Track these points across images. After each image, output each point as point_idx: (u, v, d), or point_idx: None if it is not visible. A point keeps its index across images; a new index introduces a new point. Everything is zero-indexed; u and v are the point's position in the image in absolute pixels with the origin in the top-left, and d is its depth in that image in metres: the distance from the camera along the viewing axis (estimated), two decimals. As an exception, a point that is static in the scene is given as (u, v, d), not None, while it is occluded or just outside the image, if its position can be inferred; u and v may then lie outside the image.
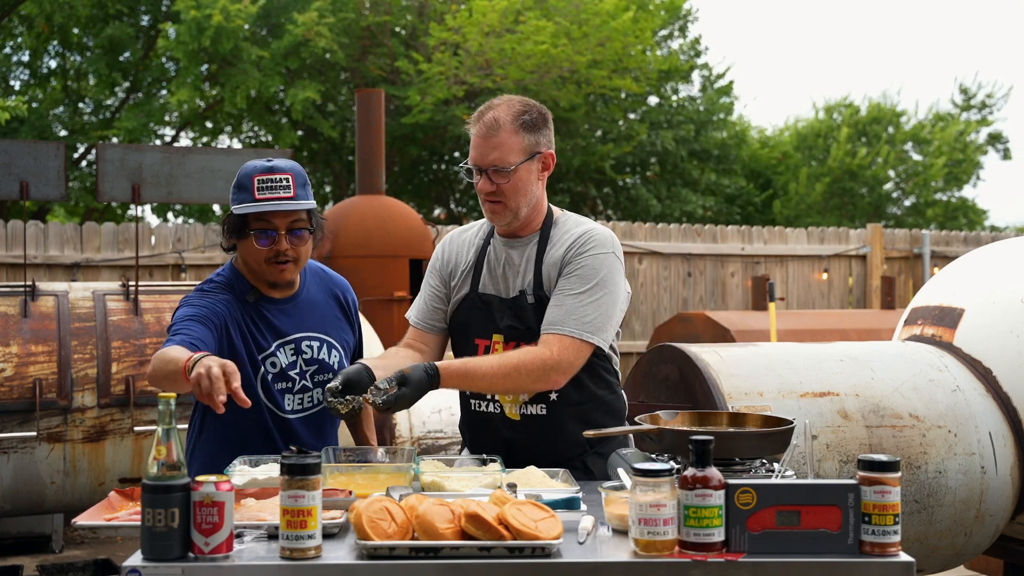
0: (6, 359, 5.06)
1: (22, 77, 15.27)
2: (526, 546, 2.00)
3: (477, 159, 2.83)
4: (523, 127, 2.81)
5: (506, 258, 2.92)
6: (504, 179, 2.80)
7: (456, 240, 3.06)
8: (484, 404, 2.93)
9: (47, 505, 5.31)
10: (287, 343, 2.95)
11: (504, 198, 2.82)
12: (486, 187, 2.82)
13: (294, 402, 2.95)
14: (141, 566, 1.96)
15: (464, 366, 2.73)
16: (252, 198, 2.80)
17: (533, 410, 2.88)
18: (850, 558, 2.02)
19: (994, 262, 4.62)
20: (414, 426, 5.26)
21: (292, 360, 2.95)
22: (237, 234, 2.88)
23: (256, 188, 2.80)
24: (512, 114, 2.81)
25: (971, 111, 20.35)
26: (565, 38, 13.80)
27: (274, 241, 2.84)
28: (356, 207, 7.28)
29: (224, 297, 2.91)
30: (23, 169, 5.51)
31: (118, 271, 8.61)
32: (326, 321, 3.04)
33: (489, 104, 2.86)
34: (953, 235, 12.66)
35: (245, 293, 2.94)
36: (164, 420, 2.01)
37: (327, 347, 3.01)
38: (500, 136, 2.79)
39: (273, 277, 2.90)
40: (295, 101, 13.40)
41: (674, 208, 16.86)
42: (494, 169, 2.80)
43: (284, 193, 2.80)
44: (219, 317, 2.86)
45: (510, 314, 2.87)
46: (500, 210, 2.85)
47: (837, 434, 4.01)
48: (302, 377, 2.95)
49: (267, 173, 2.81)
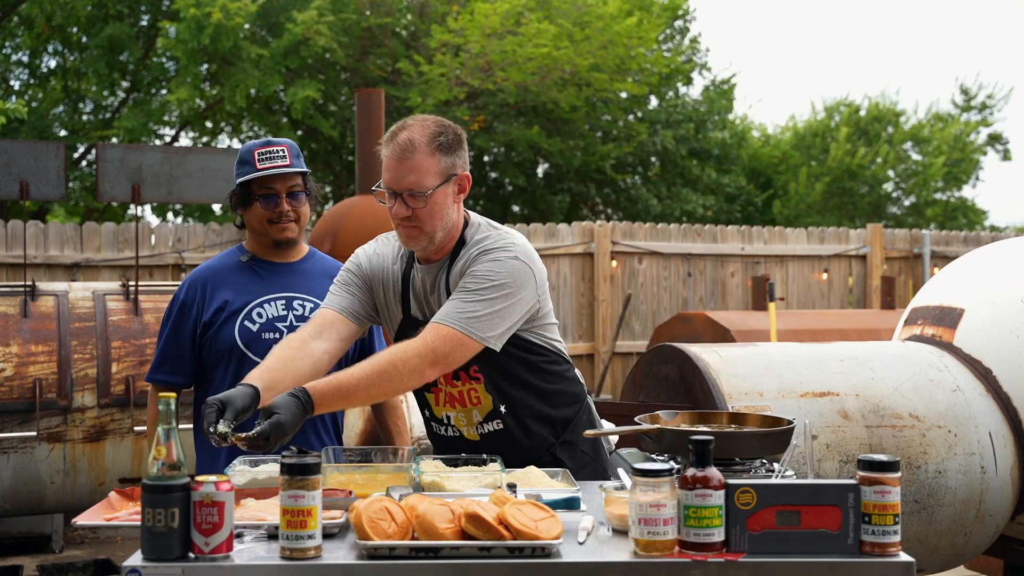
0: (6, 359, 5.06)
1: (22, 77, 15.28)
2: (526, 546, 2.00)
3: (391, 182, 2.69)
4: (439, 149, 2.69)
5: (424, 283, 2.81)
6: (420, 203, 2.67)
7: (373, 259, 2.90)
8: (443, 428, 2.88)
9: (47, 505, 5.31)
10: (278, 298, 3.21)
11: (420, 223, 2.69)
12: (401, 212, 2.67)
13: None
14: (141, 566, 1.96)
15: (335, 382, 2.54)
16: (254, 168, 3.16)
17: (489, 427, 2.83)
18: (850, 558, 2.02)
19: (994, 262, 4.62)
20: (414, 426, 5.26)
21: (282, 314, 3.19)
22: (243, 203, 3.21)
23: (257, 160, 3.16)
24: (427, 135, 2.68)
25: (971, 112, 20.36)
26: (567, 40, 13.80)
27: (276, 204, 3.18)
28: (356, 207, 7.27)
29: (190, 300, 3.23)
30: (23, 169, 5.52)
31: (118, 271, 8.61)
32: (321, 288, 3.17)
33: (402, 124, 2.73)
34: (953, 235, 12.66)
35: (239, 256, 3.29)
36: (164, 420, 2.01)
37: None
38: (416, 159, 2.66)
39: (277, 235, 3.21)
40: (295, 101, 13.39)
41: (674, 208, 16.86)
42: (409, 193, 2.66)
43: (281, 162, 3.16)
44: (188, 335, 3.22)
45: None
46: (416, 235, 2.71)
47: (837, 434, 4.01)
48: (290, 330, 3.09)
49: (265, 146, 3.18)
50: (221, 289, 3.21)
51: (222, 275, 3.24)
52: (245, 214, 3.24)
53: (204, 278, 3.24)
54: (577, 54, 13.83)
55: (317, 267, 3.32)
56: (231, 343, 3.14)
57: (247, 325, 3.16)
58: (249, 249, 3.29)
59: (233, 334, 3.15)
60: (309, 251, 3.35)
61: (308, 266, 3.31)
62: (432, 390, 2.84)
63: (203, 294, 3.21)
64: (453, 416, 2.84)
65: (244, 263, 3.26)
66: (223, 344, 3.15)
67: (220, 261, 3.30)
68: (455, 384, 2.81)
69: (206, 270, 3.27)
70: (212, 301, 3.19)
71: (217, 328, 3.16)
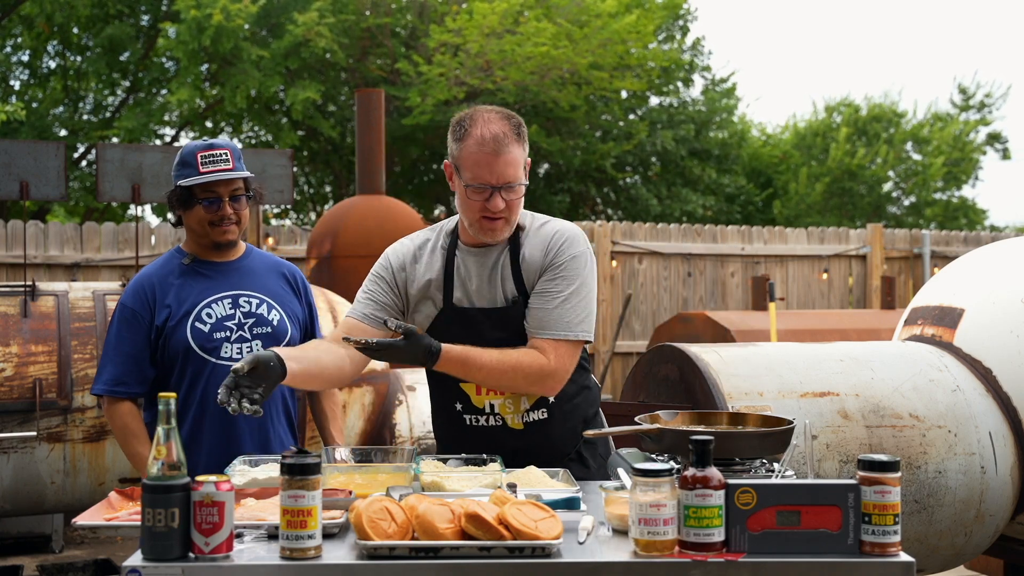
0: (6, 359, 5.06)
1: (22, 77, 15.27)
2: (526, 546, 2.00)
3: (489, 177, 2.68)
4: (522, 138, 2.74)
5: (479, 268, 2.80)
6: (515, 195, 2.71)
7: (405, 256, 2.89)
8: (483, 418, 2.84)
9: (47, 505, 5.31)
10: (224, 297, 3.22)
11: (510, 214, 2.73)
12: (499, 205, 2.69)
13: (232, 350, 3.16)
14: (141, 566, 1.96)
15: (464, 353, 2.64)
16: (196, 172, 3.15)
17: (535, 416, 2.83)
18: (850, 558, 2.02)
19: (994, 262, 4.62)
20: (414, 426, 5.26)
21: (230, 313, 3.20)
22: (184, 205, 3.20)
23: (200, 163, 3.16)
24: (511, 127, 2.72)
25: (970, 111, 20.35)
26: (566, 39, 13.80)
27: (218, 207, 3.18)
28: (356, 207, 7.28)
29: (140, 302, 3.20)
30: (23, 169, 5.52)
31: (118, 271, 8.61)
32: (267, 286, 3.29)
33: (475, 118, 2.74)
34: (953, 235, 12.66)
35: (180, 259, 3.27)
36: (164, 420, 2.01)
37: (266, 305, 3.24)
38: (511, 152, 2.69)
39: (218, 237, 3.22)
40: (295, 101, 13.40)
41: (674, 208, 16.86)
42: (507, 187, 2.69)
43: (224, 165, 3.16)
44: (144, 342, 3.19)
45: (498, 325, 2.77)
46: (503, 227, 2.74)
47: (837, 434, 4.01)
48: (239, 328, 3.18)
49: (208, 150, 3.17)
50: (168, 293, 3.20)
51: (166, 279, 3.22)
52: (185, 215, 3.23)
53: (151, 284, 3.22)
54: (576, 53, 13.82)
55: (257, 263, 3.34)
56: (185, 345, 3.14)
57: (198, 326, 3.16)
58: (188, 251, 3.28)
59: (186, 336, 3.14)
60: (247, 248, 3.36)
61: (248, 263, 3.32)
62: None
63: (151, 299, 3.20)
64: (498, 404, 2.81)
65: (186, 266, 3.25)
66: (176, 347, 3.15)
67: (161, 266, 3.28)
68: None
69: (150, 276, 3.25)
70: (160, 306, 3.19)
71: (169, 332, 3.16)
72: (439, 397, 2.90)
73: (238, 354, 3.15)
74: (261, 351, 2.54)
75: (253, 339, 3.18)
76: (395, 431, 5.23)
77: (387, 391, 5.35)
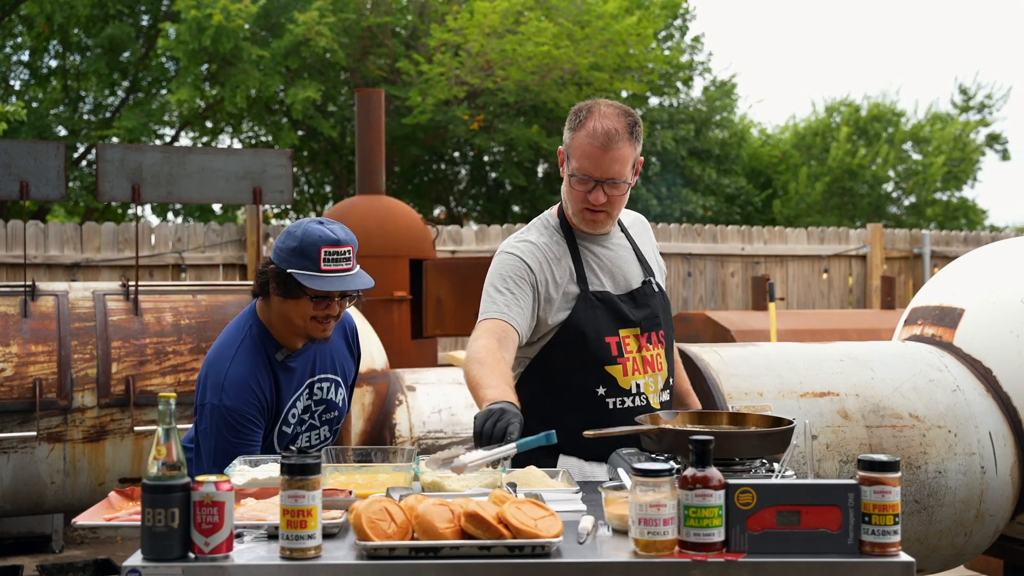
0: (6, 359, 5.06)
1: (22, 77, 15.27)
2: (526, 544, 2.00)
3: (593, 171, 2.75)
4: (636, 138, 2.80)
5: (610, 254, 2.92)
6: (618, 191, 2.79)
7: (537, 254, 2.87)
8: (628, 400, 2.84)
9: (47, 505, 5.31)
10: (303, 390, 3.05)
11: (612, 208, 2.83)
12: (600, 199, 2.78)
13: (301, 440, 3.06)
14: (141, 566, 1.96)
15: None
16: (317, 268, 2.85)
17: (665, 396, 2.94)
18: (850, 558, 2.02)
19: (994, 262, 4.62)
20: (414, 426, 5.26)
21: (307, 405, 3.06)
22: (289, 294, 2.91)
23: (322, 259, 2.85)
24: (626, 126, 2.77)
25: (970, 112, 20.34)
26: (567, 39, 13.79)
27: (327, 306, 2.92)
28: (356, 207, 7.28)
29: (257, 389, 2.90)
30: (23, 169, 5.51)
31: (118, 271, 8.61)
32: (335, 359, 3.11)
33: (595, 111, 2.78)
34: (953, 235, 12.66)
35: (273, 351, 2.98)
36: (164, 420, 2.01)
37: (335, 386, 3.12)
38: (621, 149, 2.75)
39: (315, 333, 2.96)
40: (295, 101, 13.39)
41: (674, 208, 16.86)
42: (611, 182, 2.77)
43: (346, 265, 2.88)
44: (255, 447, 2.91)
45: (636, 306, 2.87)
46: (604, 220, 2.85)
47: (837, 434, 4.01)
48: (311, 417, 3.05)
49: (333, 246, 2.86)
50: (264, 392, 2.92)
51: (259, 374, 2.93)
52: (283, 301, 2.93)
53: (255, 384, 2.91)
54: (577, 53, 13.82)
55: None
56: (271, 450, 2.96)
57: (284, 430, 3.00)
58: (280, 340, 2.99)
59: (273, 443, 2.97)
60: None
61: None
62: (619, 360, 2.83)
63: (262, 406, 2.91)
64: (643, 383, 2.86)
65: (280, 362, 2.98)
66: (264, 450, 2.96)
67: (253, 359, 2.95)
68: (648, 347, 2.87)
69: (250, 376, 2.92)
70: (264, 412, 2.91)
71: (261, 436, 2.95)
72: (576, 384, 2.83)
73: (306, 442, 3.03)
74: (509, 407, 2.40)
75: (322, 425, 3.08)
76: (395, 431, 5.23)
77: (387, 391, 5.35)
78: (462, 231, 10.15)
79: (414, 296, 6.85)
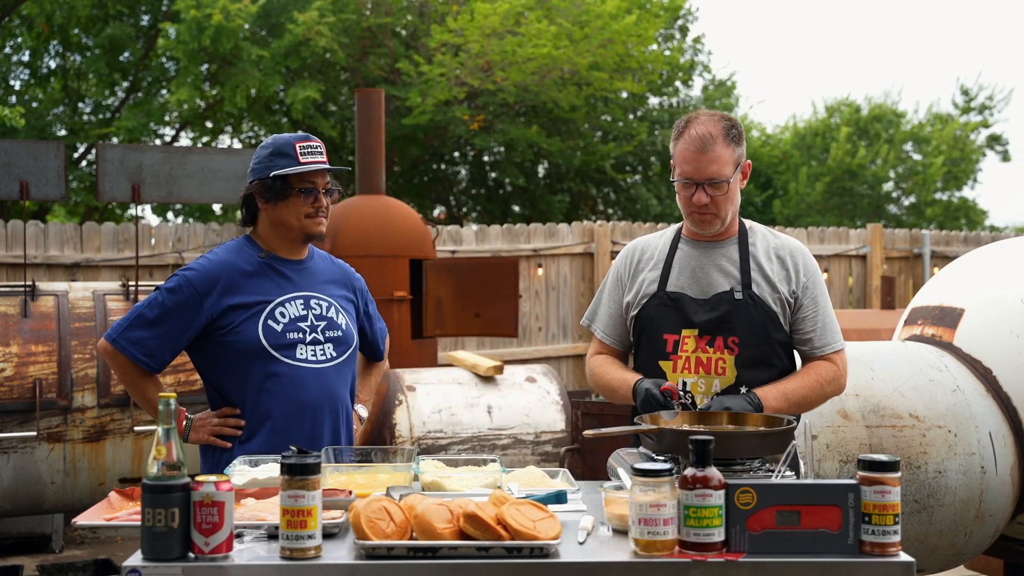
0: (6, 359, 5.06)
1: (22, 77, 15.27)
2: (524, 546, 2.00)
3: (693, 173, 2.94)
4: (733, 140, 2.96)
5: (703, 259, 3.05)
6: (720, 191, 2.94)
7: (642, 247, 3.18)
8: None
9: (47, 505, 5.31)
10: (296, 297, 3.17)
11: (716, 208, 2.97)
12: (702, 199, 2.94)
13: (307, 352, 3.11)
14: (141, 566, 1.96)
15: (780, 389, 2.92)
16: (296, 162, 3.11)
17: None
18: (850, 558, 2.02)
19: (994, 262, 4.62)
20: (414, 426, 5.26)
21: (302, 313, 3.15)
22: (280, 196, 3.13)
23: (299, 153, 3.12)
24: (722, 128, 2.94)
25: (972, 112, 20.35)
26: (566, 40, 13.79)
27: (316, 199, 3.15)
28: (356, 207, 7.28)
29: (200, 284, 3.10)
30: (23, 169, 5.52)
31: (118, 271, 8.60)
32: (332, 290, 3.27)
33: (693, 119, 2.98)
34: (953, 235, 12.66)
35: (256, 253, 3.19)
36: (164, 420, 2.01)
37: (335, 308, 3.22)
38: (716, 150, 2.92)
39: (313, 229, 3.18)
40: (295, 101, 13.39)
41: (674, 208, 16.85)
42: (711, 183, 2.93)
43: (320, 157, 3.15)
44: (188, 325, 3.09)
45: (707, 310, 2.98)
46: (711, 219, 2.99)
47: (837, 434, 4.01)
48: (313, 330, 3.14)
49: (305, 141, 3.14)
50: (238, 285, 3.09)
51: (238, 269, 3.12)
52: (275, 208, 3.13)
53: (222, 270, 3.10)
54: (577, 53, 13.81)
55: (320, 266, 3.30)
56: (255, 343, 3.04)
57: (271, 324, 3.07)
58: (266, 247, 3.19)
59: (257, 333, 3.05)
60: (310, 250, 3.32)
61: (313, 265, 3.28)
62: (671, 357, 3.00)
63: (215, 286, 3.07)
64: (691, 382, 2.97)
65: (261, 260, 3.16)
66: (244, 344, 3.04)
67: (236, 254, 3.16)
68: (707, 350, 2.97)
69: (223, 262, 3.12)
70: (222, 296, 3.07)
71: (236, 327, 3.05)
72: (639, 370, 3.08)
73: (313, 356, 3.09)
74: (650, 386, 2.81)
75: (326, 342, 3.14)
76: (395, 431, 5.23)
77: (387, 391, 5.35)
78: (462, 231, 10.15)
79: (414, 296, 6.85)
